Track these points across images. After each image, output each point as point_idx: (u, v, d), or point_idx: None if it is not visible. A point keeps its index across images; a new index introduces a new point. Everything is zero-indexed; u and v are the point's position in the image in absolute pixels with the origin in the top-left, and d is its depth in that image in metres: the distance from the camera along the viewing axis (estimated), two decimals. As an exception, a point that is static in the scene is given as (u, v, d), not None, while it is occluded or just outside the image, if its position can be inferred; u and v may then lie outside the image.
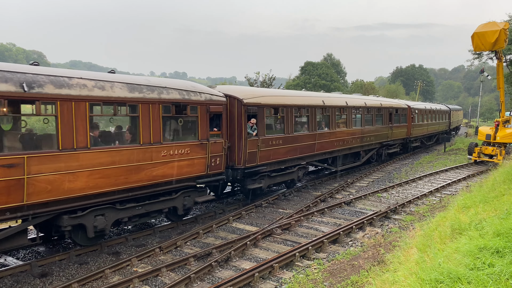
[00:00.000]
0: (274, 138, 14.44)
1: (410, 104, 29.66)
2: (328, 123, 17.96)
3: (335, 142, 18.35)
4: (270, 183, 15.01)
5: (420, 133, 31.44)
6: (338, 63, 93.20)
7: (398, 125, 25.87)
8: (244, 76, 41.50)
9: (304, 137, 16.14)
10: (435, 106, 38.56)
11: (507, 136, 23.19)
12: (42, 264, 9.25)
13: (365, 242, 10.66)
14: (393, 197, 16.24)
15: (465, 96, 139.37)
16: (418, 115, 30.33)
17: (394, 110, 25.16)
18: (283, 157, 15.02)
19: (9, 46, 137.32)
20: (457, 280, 4.77)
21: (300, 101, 16.09)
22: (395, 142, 25.96)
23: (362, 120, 20.89)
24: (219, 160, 12.30)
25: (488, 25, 21.02)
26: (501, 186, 10.86)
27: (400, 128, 26.33)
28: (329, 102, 18.10)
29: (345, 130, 19.30)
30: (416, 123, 29.57)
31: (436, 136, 38.10)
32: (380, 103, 23.19)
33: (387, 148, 24.86)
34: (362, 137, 20.85)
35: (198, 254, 9.74)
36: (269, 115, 14.41)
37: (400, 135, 26.48)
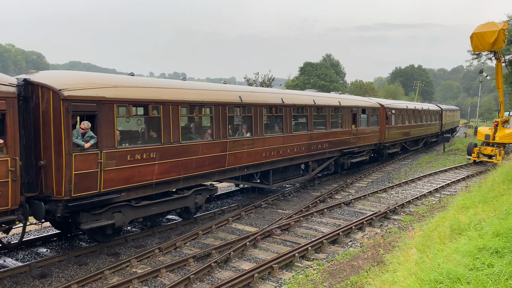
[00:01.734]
0: (137, 150, 9.82)
1: (385, 102, 25.27)
2: (251, 127, 13.55)
3: (263, 152, 14.02)
4: (136, 216, 10.39)
5: (399, 137, 26.88)
6: (337, 63, 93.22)
7: (366, 128, 21.59)
8: (243, 77, 41.52)
9: (203, 147, 11.65)
10: (421, 105, 34.18)
11: (506, 136, 23.21)
12: (42, 265, 9.24)
13: (365, 243, 10.66)
14: (393, 197, 16.25)
15: (464, 96, 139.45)
16: (396, 116, 25.91)
17: (360, 110, 20.88)
18: (161, 177, 10.48)
19: (8, 47, 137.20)
20: (457, 281, 4.77)
21: (194, 97, 11.54)
22: (362, 149, 21.42)
23: (309, 122, 16.53)
24: (2, 190, 7.77)
25: (487, 25, 21.06)
26: (500, 186, 10.87)
27: (370, 132, 22.02)
28: (251, 99, 13.67)
29: (281, 136, 14.89)
30: (392, 126, 25.08)
31: (424, 139, 34.02)
32: (338, 101, 19.10)
33: (350, 156, 20.25)
34: (309, 144, 16.51)
35: (198, 255, 9.74)
36: (127, 115, 9.90)
37: (369, 140, 22.09)
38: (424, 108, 33.24)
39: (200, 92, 11.97)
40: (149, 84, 10.73)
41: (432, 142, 37.47)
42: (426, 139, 34.67)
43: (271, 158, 14.45)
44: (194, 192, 11.94)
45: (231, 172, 13.11)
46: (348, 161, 20.08)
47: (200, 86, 12.71)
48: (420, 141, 33.20)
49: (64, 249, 10.43)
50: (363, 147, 21.56)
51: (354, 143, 20.28)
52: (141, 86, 10.36)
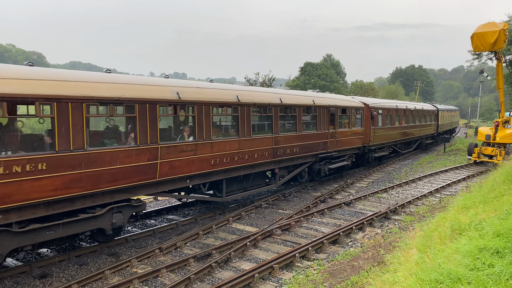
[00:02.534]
0: (16, 161, 7.59)
1: (370, 101, 22.92)
2: (195, 130, 11.37)
3: (212, 160, 11.84)
4: (20, 244, 8.17)
5: (388, 139, 24.68)
6: (337, 63, 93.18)
7: (347, 130, 19.47)
8: (243, 77, 41.52)
9: (122, 154, 9.39)
10: (414, 105, 31.92)
11: (506, 137, 23.20)
12: (42, 265, 9.25)
13: (365, 243, 10.66)
14: (393, 197, 16.24)
15: (465, 96, 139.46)
16: (384, 117, 23.81)
17: (339, 110, 18.73)
18: (57, 195, 8.26)
19: (9, 47, 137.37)
20: (457, 281, 4.77)
21: (109, 92, 9.15)
22: (342, 153, 19.47)
23: (274, 124, 14.34)
24: None
25: (487, 25, 21.05)
26: (501, 187, 10.86)
27: (352, 134, 19.89)
28: (194, 96, 11.31)
29: (237, 140, 12.71)
30: (379, 127, 23.03)
31: (418, 141, 31.91)
32: (312, 100, 16.67)
33: (328, 162, 18.30)
34: (275, 149, 14.37)
35: (198, 255, 9.74)
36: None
37: (351, 143, 19.99)
38: (417, 108, 30.92)
39: (118, 87, 9.44)
40: (40, 76, 8.27)
41: (427, 144, 35.46)
42: (420, 140, 32.57)
43: (222, 166, 12.26)
44: (110, 210, 9.60)
45: (166, 184, 10.79)
46: (326, 167, 17.99)
47: (121, 80, 9.97)
48: (413, 143, 31.23)
49: (64, 249, 10.44)
50: (344, 151, 19.47)
51: (333, 147, 18.18)
52: (27, 78, 7.97)
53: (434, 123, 35.44)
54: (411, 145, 30.82)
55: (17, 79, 7.78)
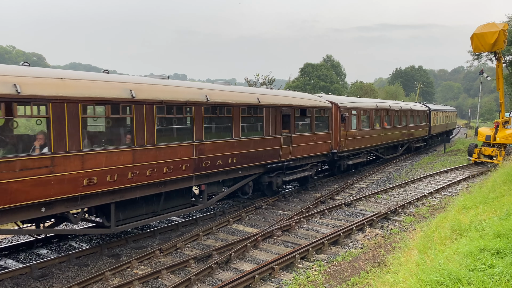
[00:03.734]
0: None
1: (340, 100, 19.75)
2: (50, 139, 8.07)
3: (83, 179, 8.60)
4: None
5: (365, 143, 21.50)
6: (337, 64, 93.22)
7: (308, 134, 16.52)
8: (243, 78, 41.54)
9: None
10: (400, 104, 28.58)
11: (507, 137, 23.20)
12: (42, 266, 9.24)
13: (365, 244, 10.66)
14: (393, 198, 16.24)
15: (465, 97, 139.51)
16: (359, 118, 20.82)
17: (297, 111, 15.76)
18: None
19: (9, 48, 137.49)
20: (458, 281, 4.77)
21: None
22: (301, 162, 16.47)
23: (195, 128, 11.22)
24: None
25: (487, 26, 21.08)
26: (501, 187, 10.86)
27: (315, 139, 16.98)
28: (42, 91, 7.91)
29: (130, 150, 9.54)
30: (353, 130, 20.09)
31: (406, 144, 29.03)
32: (257, 98, 13.77)
33: (282, 173, 15.38)
34: (197, 160, 11.27)
35: (198, 256, 9.74)
36: None
37: (314, 149, 16.99)
38: (404, 108, 27.68)
39: None
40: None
41: (417, 147, 32.47)
42: (408, 144, 29.65)
43: (105, 186, 9.06)
44: None
45: (5, 215, 7.65)
46: (279, 179, 15.20)
47: None
48: (400, 146, 28.03)
49: (65, 250, 10.44)
50: (304, 159, 16.65)
51: (287, 155, 15.23)
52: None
53: (425, 125, 32.47)
54: (397, 150, 27.63)
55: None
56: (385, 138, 24.30)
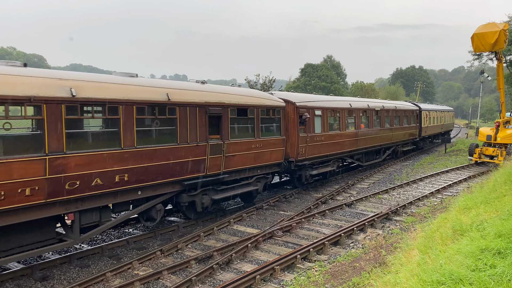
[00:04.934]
0: None
1: (298, 99, 16.58)
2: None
3: None
4: None
5: (334, 149, 18.41)
6: (338, 64, 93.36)
7: (248, 140, 13.33)
8: (244, 78, 41.54)
9: None
10: (383, 103, 25.06)
11: (507, 137, 23.19)
12: (43, 267, 9.25)
13: (366, 244, 10.65)
14: (394, 198, 16.23)
15: (466, 97, 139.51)
16: (325, 119, 17.63)
17: (231, 111, 12.61)
18: None
19: (10, 50, 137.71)
20: (459, 282, 4.76)
21: None
22: (239, 176, 13.38)
23: (49, 136, 8.09)
24: None
25: (487, 26, 21.07)
26: (502, 187, 10.86)
27: (260, 146, 13.81)
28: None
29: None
30: (317, 134, 16.90)
31: (391, 148, 26.02)
32: (166, 93, 10.59)
33: (212, 190, 12.39)
34: (56, 181, 8.20)
35: (199, 257, 9.74)
36: None
37: (261, 159, 13.92)
38: (387, 107, 24.46)
39: None
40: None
41: (405, 151, 29.35)
42: (394, 147, 26.41)
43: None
44: None
45: None
46: (207, 198, 12.16)
47: None
48: (383, 151, 24.96)
49: (65, 251, 10.45)
50: (245, 171, 13.50)
51: (218, 167, 12.17)
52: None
53: (415, 126, 29.62)
54: (379, 154, 24.51)
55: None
56: (363, 142, 21.15)
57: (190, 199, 11.78)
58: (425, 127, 31.76)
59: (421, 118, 30.68)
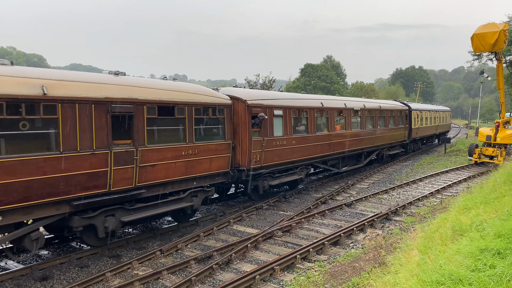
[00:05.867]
0: None
1: (251, 96, 13.96)
2: None
3: None
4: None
5: (302, 155, 16.20)
6: (338, 65, 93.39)
7: (178, 146, 10.98)
8: (244, 79, 41.55)
9: None
10: (364, 102, 22.41)
11: (507, 137, 23.19)
12: (43, 267, 9.25)
13: (366, 244, 10.66)
14: (394, 198, 16.23)
15: (465, 97, 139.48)
16: (287, 120, 15.25)
17: (149, 110, 10.18)
18: None
19: (10, 49, 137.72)
20: (458, 282, 4.77)
21: None
22: (165, 191, 10.98)
23: None
24: None
25: (487, 26, 21.07)
26: (502, 187, 10.87)
27: (194, 153, 11.43)
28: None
29: None
30: (277, 137, 14.67)
31: (375, 152, 23.48)
32: (42, 86, 8.11)
33: (122, 209, 9.95)
34: None
35: (199, 257, 9.74)
36: None
37: (196, 168, 11.56)
38: (369, 107, 22.01)
39: None
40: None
41: (392, 155, 26.94)
42: (378, 151, 24.01)
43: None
44: None
45: None
46: (112, 221, 9.67)
47: None
48: (365, 155, 22.51)
49: (65, 251, 10.44)
50: (172, 185, 11.07)
51: (129, 180, 9.70)
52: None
53: (403, 127, 27.18)
54: (360, 159, 22.15)
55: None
56: (338, 146, 18.83)
57: (86, 223, 9.25)
58: (416, 129, 29.63)
59: (411, 119, 28.46)
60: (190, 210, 12.06)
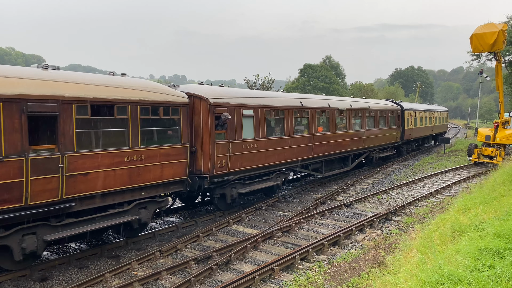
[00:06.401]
0: None
1: (213, 94, 12.41)
2: None
3: None
4: None
5: (277, 159, 14.77)
6: (337, 65, 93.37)
7: (120, 151, 9.52)
8: (243, 79, 41.55)
9: None
10: (350, 101, 20.70)
11: (506, 137, 23.22)
12: (42, 268, 9.23)
13: (366, 244, 10.66)
14: (393, 199, 16.24)
15: (465, 97, 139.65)
16: (260, 121, 13.87)
17: (79, 109, 8.71)
18: None
19: (9, 50, 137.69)
20: (458, 282, 4.77)
21: None
22: (93, 204, 9.24)
23: None
24: None
25: (486, 26, 21.11)
26: (501, 187, 10.87)
27: (141, 159, 9.97)
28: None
29: None
30: (247, 140, 13.30)
31: (364, 154, 22.20)
32: None
33: (46, 226, 8.47)
34: None
35: (198, 257, 9.73)
36: None
37: (143, 176, 10.08)
38: (356, 107, 20.62)
39: None
40: None
41: (384, 157, 25.39)
42: (368, 154, 22.61)
43: None
44: None
45: None
46: (31, 241, 8.21)
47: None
48: (352, 158, 20.92)
49: (64, 252, 10.43)
50: (111, 196, 9.58)
51: (54, 192, 8.29)
52: None
53: (395, 128, 25.63)
54: (346, 162, 20.62)
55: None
56: (320, 148, 17.47)
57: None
58: (409, 129, 28.27)
59: (404, 119, 27.05)
60: (137, 224, 10.42)
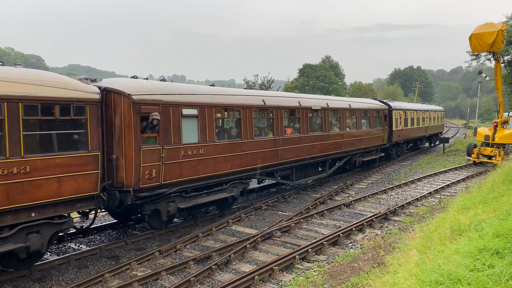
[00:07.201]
0: None
1: (139, 89, 10.11)
2: None
3: None
4: None
5: (232, 166, 12.82)
6: (336, 65, 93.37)
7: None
8: (242, 79, 41.53)
9: None
10: (326, 100, 18.62)
11: (505, 137, 23.24)
12: (41, 268, 9.23)
13: (365, 244, 10.66)
14: (393, 198, 16.24)
15: (464, 97, 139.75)
16: (207, 122, 11.80)
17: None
18: None
19: (8, 50, 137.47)
20: (457, 282, 4.77)
21: None
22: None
23: None
24: None
25: (485, 26, 21.13)
26: (500, 187, 10.88)
27: (25, 172, 7.76)
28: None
29: None
30: (188, 144, 11.21)
31: (345, 158, 20.35)
32: None
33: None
34: None
35: (198, 257, 9.73)
36: None
37: (31, 194, 7.92)
38: (333, 106, 18.47)
39: None
40: None
41: (368, 161, 23.08)
42: (349, 157, 20.61)
43: None
44: None
45: None
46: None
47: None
48: (330, 163, 19.05)
49: (64, 252, 10.43)
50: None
51: None
52: None
53: (382, 129, 23.47)
54: (324, 167, 18.84)
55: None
56: (289, 153, 15.50)
57: None
58: (398, 130, 26.14)
59: (392, 119, 25.01)
60: (25, 253, 8.29)
